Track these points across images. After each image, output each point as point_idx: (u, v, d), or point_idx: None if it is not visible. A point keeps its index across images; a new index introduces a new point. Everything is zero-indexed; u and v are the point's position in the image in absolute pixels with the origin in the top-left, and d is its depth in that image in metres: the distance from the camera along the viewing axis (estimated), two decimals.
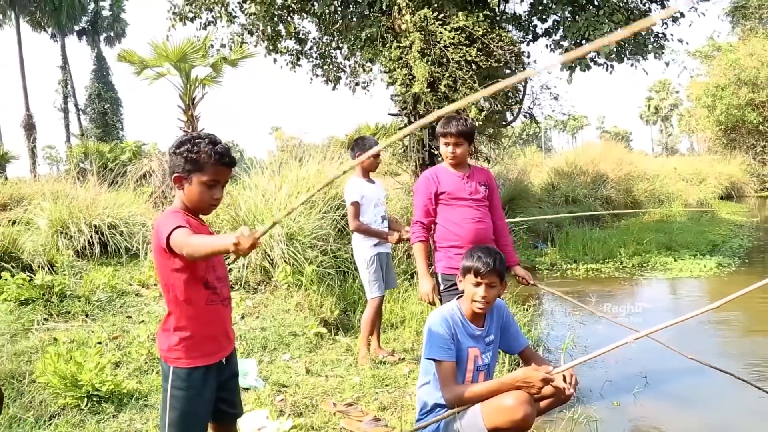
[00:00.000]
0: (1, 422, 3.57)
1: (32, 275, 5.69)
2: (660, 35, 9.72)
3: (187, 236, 2.14)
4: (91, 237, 7.36)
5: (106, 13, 43.15)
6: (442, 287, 3.92)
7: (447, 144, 3.92)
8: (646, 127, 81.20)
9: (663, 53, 9.74)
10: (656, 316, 6.08)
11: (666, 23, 9.99)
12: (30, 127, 37.98)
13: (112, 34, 43.28)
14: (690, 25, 12.17)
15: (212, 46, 11.18)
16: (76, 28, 42.19)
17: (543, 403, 2.97)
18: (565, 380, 2.81)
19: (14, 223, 7.85)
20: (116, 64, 26.42)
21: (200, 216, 2.46)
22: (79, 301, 5.59)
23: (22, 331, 4.90)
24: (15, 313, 5.20)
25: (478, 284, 2.97)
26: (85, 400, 3.76)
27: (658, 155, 46.95)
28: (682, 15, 10.07)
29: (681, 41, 10.37)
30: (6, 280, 5.50)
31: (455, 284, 3.68)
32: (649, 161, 22.47)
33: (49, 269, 6.29)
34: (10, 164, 25.49)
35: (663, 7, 10.03)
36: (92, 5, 42.20)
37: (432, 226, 4.00)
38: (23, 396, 3.89)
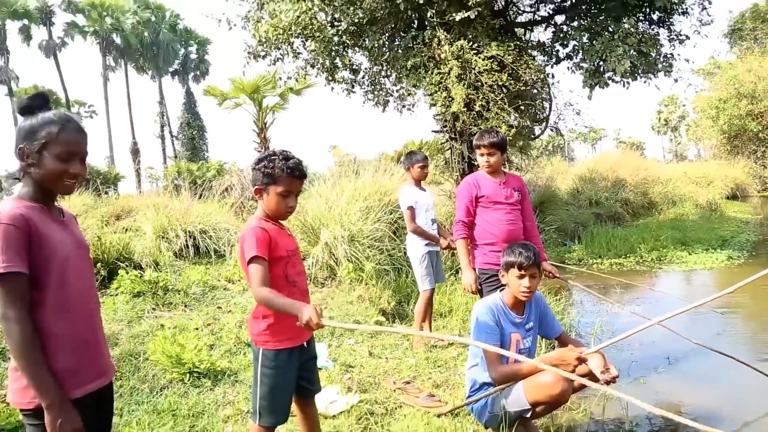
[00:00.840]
0: (124, 392, 3.68)
1: (142, 272, 5.86)
2: (669, 56, 9.41)
3: (260, 281, 2.19)
4: (186, 241, 7.54)
5: (193, 56, 44.47)
6: (480, 280, 3.87)
7: (482, 154, 3.88)
8: (657, 137, 78.61)
9: (671, 71, 9.41)
10: (674, 305, 5.86)
11: (674, 45, 9.68)
12: (135, 152, 39.46)
13: (198, 72, 44.55)
14: (695, 46, 11.78)
15: (280, 78, 11.36)
16: (170, 69, 43.64)
17: (577, 383, 2.88)
18: (603, 371, 2.72)
19: (126, 230, 8.12)
20: (202, 97, 27.09)
21: (280, 221, 2.47)
22: (179, 293, 5.72)
23: (135, 318, 5.05)
24: (130, 303, 5.37)
25: (521, 276, 2.92)
26: (188, 375, 3.85)
27: (669, 162, 45.36)
28: (687, 37, 9.72)
29: (687, 60, 9.99)
30: (122, 276, 5.68)
31: (491, 277, 3.63)
32: (661, 167, 21.72)
33: (154, 267, 6.48)
34: (120, 182, 26.57)
35: (670, 31, 9.73)
36: (182, 50, 43.55)
37: (471, 225, 3.95)
38: (139, 371, 4.00)
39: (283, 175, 2.32)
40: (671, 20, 9.62)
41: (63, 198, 10.04)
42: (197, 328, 4.78)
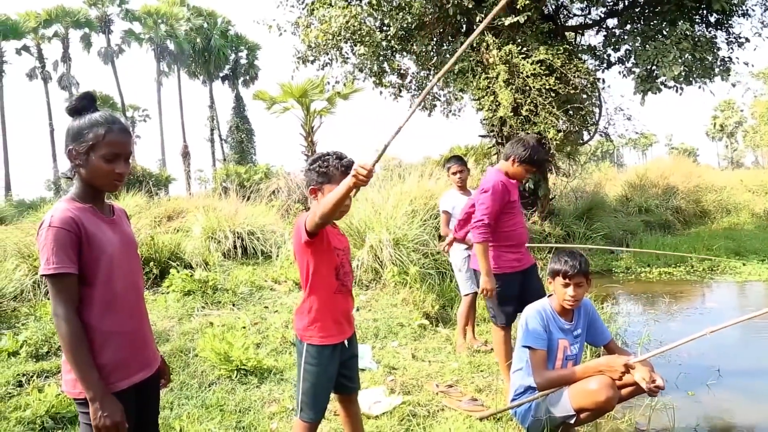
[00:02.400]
0: (174, 386, 3.83)
1: (192, 272, 6.07)
2: (726, 59, 9.05)
3: (315, 206, 2.19)
4: (234, 241, 7.75)
5: (243, 61, 45.50)
6: (498, 283, 3.71)
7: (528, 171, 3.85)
8: (712, 144, 75.73)
9: (729, 76, 9.04)
10: (727, 315, 5.65)
11: (732, 48, 9.30)
12: (186, 155, 40.72)
13: (247, 77, 45.54)
14: (755, 49, 11.27)
15: (328, 83, 11.51)
16: (221, 74, 44.78)
17: (625, 391, 2.84)
18: (647, 380, 2.67)
19: (177, 230, 8.41)
20: (251, 101, 27.77)
21: (334, 222, 2.52)
22: (227, 293, 5.89)
23: (186, 315, 5.23)
24: (180, 301, 5.56)
25: (566, 285, 2.90)
26: (235, 372, 3.96)
27: (724, 169, 43.54)
28: (747, 40, 9.33)
29: (746, 64, 9.56)
30: (173, 275, 5.90)
31: (510, 278, 3.67)
32: (715, 174, 20.87)
33: (204, 267, 6.69)
34: (171, 184, 27.50)
35: (728, 34, 9.35)
36: (233, 56, 44.66)
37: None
38: (189, 366, 4.15)
39: (338, 174, 2.38)
40: (730, 22, 9.27)
41: (117, 198, 10.49)
42: (244, 327, 4.91)
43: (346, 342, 2.50)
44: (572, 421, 2.77)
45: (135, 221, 8.85)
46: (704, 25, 9.20)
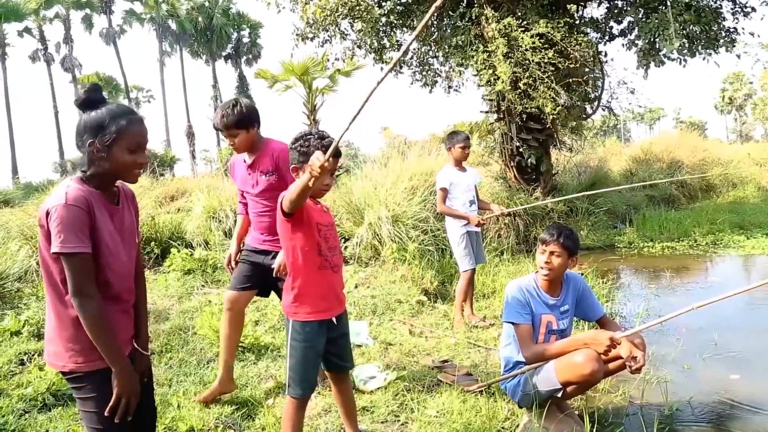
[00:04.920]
0: (173, 363, 3.88)
1: (192, 251, 6.11)
2: (731, 30, 8.84)
3: (285, 192, 2.23)
4: (235, 221, 7.76)
5: (245, 40, 45.19)
6: None
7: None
8: (721, 117, 74.70)
9: (734, 47, 8.84)
10: (728, 289, 5.64)
11: (737, 18, 9.09)
12: (190, 135, 40.75)
13: (250, 56, 45.28)
14: (762, 19, 10.93)
15: (329, 60, 11.40)
16: (223, 53, 44.54)
17: (613, 365, 2.85)
18: (627, 356, 2.69)
19: (179, 210, 8.45)
20: (254, 80, 27.63)
21: (317, 200, 2.53)
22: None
23: (186, 294, 5.28)
24: (181, 280, 5.61)
25: (543, 252, 2.94)
26: None
27: (732, 142, 43.03)
28: (753, 9, 9.09)
29: (752, 34, 9.35)
30: (174, 255, 5.94)
31: None
32: (723, 148, 20.58)
33: (204, 246, 6.73)
34: (176, 165, 27.56)
35: (734, 3, 9.10)
36: (235, 35, 44.34)
37: None
38: (188, 344, 4.20)
39: None
40: None
41: None
42: None
43: (334, 319, 2.51)
44: (559, 395, 2.79)
45: (138, 201, 8.89)
46: None
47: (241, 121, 3.17)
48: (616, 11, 9.63)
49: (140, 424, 1.97)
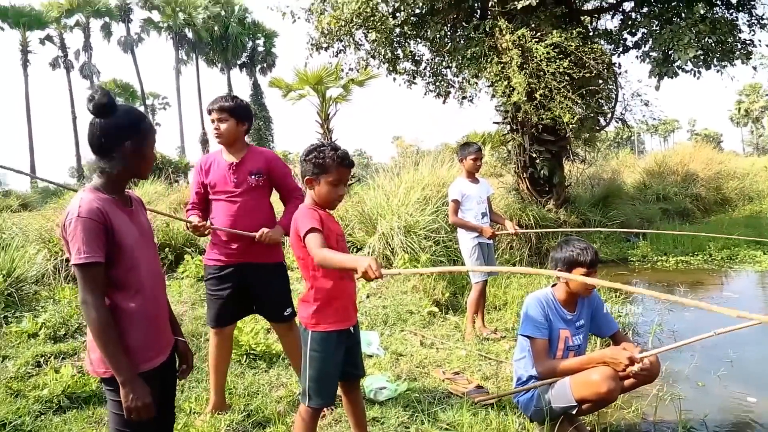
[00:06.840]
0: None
1: None
2: (748, 42, 8.78)
3: (319, 245, 2.21)
4: None
5: (260, 48, 45.62)
6: None
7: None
8: (737, 129, 74.01)
9: (750, 59, 8.77)
10: (745, 306, 5.56)
11: (754, 30, 9.02)
12: (204, 142, 41.07)
13: (265, 65, 45.66)
14: None
15: (342, 70, 11.46)
16: (238, 62, 44.95)
17: (628, 382, 2.82)
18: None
19: None
20: (268, 89, 27.82)
21: (327, 210, 2.55)
22: None
23: (199, 300, 5.31)
24: (194, 286, 5.65)
25: (587, 274, 2.83)
26: (244, 357, 4.02)
27: (748, 155, 42.54)
28: None
29: None
30: (188, 261, 5.99)
31: None
32: (739, 161, 20.33)
33: None
34: (190, 171, 27.81)
35: (750, 15, 9.04)
36: (250, 44, 44.77)
37: None
38: (200, 350, 4.22)
39: (334, 165, 2.41)
40: (753, 3, 8.98)
41: (136, 186, 10.62)
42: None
43: (351, 328, 2.52)
44: (574, 411, 2.76)
45: (154, 208, 8.95)
46: (725, 7, 8.93)
47: (236, 110, 3.22)
48: (629, 23, 9.62)
49: (161, 424, 2.01)
